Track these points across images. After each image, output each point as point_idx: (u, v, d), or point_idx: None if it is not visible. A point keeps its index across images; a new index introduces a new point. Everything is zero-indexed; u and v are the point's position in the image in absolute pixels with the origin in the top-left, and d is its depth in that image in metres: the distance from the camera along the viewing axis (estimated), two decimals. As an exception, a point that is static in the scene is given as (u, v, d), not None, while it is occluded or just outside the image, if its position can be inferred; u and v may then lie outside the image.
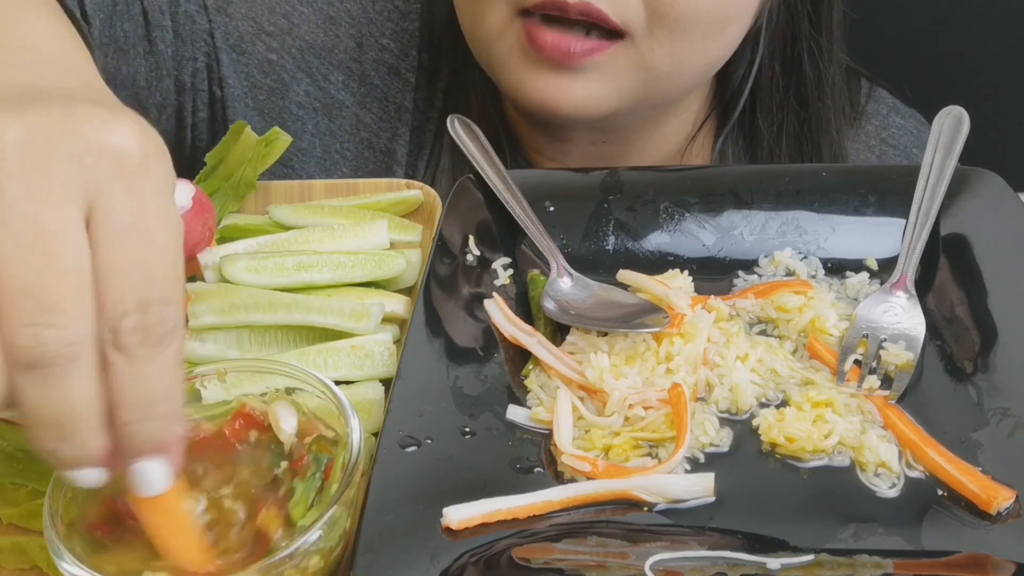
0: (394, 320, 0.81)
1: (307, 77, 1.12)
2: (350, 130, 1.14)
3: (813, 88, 1.09)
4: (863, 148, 1.18)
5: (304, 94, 1.12)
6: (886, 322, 0.76)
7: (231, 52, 1.09)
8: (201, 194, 0.82)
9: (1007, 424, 0.67)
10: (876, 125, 1.20)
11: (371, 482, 0.64)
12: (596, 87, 0.94)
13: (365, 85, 1.13)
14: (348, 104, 1.13)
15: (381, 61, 1.13)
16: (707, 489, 0.64)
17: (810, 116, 1.10)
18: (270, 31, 1.10)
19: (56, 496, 0.61)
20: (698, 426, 0.69)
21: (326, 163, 1.14)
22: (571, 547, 0.61)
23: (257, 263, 0.80)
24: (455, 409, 0.71)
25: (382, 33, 1.13)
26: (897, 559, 0.60)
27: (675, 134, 1.12)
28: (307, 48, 1.11)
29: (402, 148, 1.14)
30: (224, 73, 1.10)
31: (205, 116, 1.12)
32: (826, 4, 1.07)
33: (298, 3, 1.11)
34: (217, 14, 1.09)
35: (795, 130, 1.10)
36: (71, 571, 0.57)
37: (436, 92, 1.14)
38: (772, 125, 1.10)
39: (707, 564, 0.59)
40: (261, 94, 1.11)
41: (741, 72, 1.08)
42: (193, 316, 0.78)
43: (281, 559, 0.57)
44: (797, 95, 1.09)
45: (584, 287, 0.81)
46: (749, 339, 0.76)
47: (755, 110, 1.10)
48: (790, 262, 0.84)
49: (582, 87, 0.93)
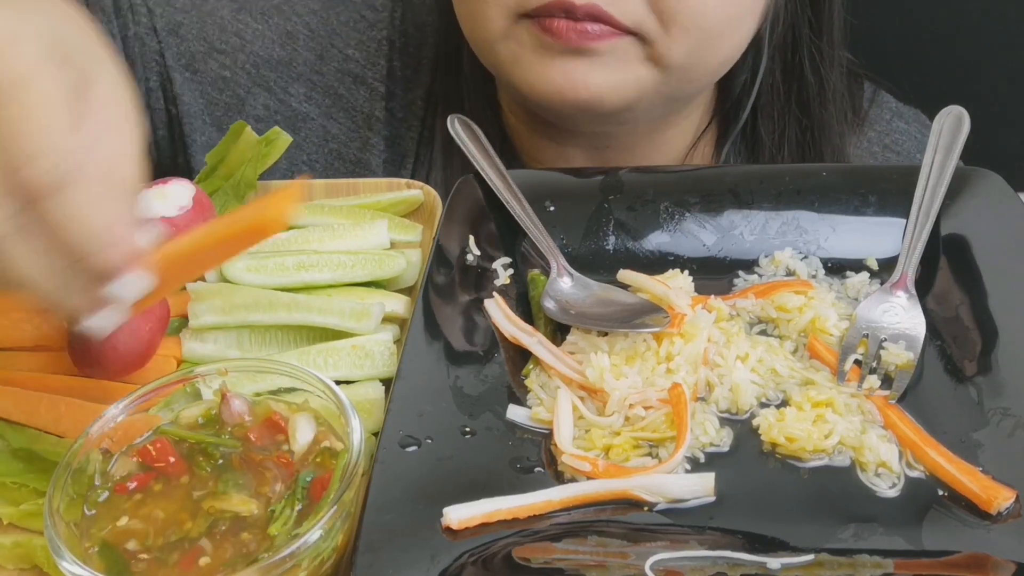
0: (394, 320, 0.81)
1: (264, 91, 1.13)
2: (317, 141, 1.15)
3: (815, 95, 1.08)
4: (866, 155, 1.17)
5: (263, 108, 1.13)
6: (886, 322, 0.76)
7: (183, 71, 1.11)
8: (201, 194, 0.82)
9: (1007, 424, 0.67)
10: (879, 131, 1.19)
11: (371, 482, 0.64)
12: (614, 74, 0.91)
13: (329, 96, 1.14)
14: (313, 116, 1.14)
15: (346, 71, 1.14)
16: (707, 489, 0.64)
17: (812, 123, 1.09)
18: (222, 49, 1.11)
19: (56, 496, 0.61)
20: (698, 426, 0.69)
21: (293, 174, 1.14)
22: (571, 547, 0.61)
23: (257, 263, 0.80)
24: (455, 409, 0.71)
25: (346, 44, 1.13)
26: (897, 559, 0.60)
27: (676, 142, 1.12)
28: (262, 63, 1.12)
29: (375, 158, 1.14)
30: (178, 91, 1.11)
31: (165, 134, 1.14)
32: (827, 9, 1.06)
33: (252, 21, 1.12)
34: (168, 36, 1.10)
35: (797, 137, 1.09)
36: (71, 570, 0.57)
37: (415, 100, 1.14)
38: (774, 133, 1.09)
39: (707, 564, 0.59)
40: (218, 110, 1.13)
41: (742, 79, 1.07)
42: (193, 316, 0.78)
43: (281, 559, 0.57)
44: (799, 102, 1.08)
45: (584, 287, 0.81)
46: (749, 339, 0.76)
47: (756, 118, 1.09)
48: (790, 262, 0.84)
49: (599, 73, 0.91)
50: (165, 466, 0.64)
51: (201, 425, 0.67)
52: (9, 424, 0.72)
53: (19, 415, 0.73)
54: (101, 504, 0.63)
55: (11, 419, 0.73)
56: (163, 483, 0.64)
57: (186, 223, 0.80)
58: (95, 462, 0.65)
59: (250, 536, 0.60)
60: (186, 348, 0.78)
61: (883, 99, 1.21)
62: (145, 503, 0.62)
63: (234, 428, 0.66)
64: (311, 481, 0.62)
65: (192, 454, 0.65)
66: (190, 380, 0.69)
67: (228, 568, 0.58)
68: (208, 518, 0.61)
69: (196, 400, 0.69)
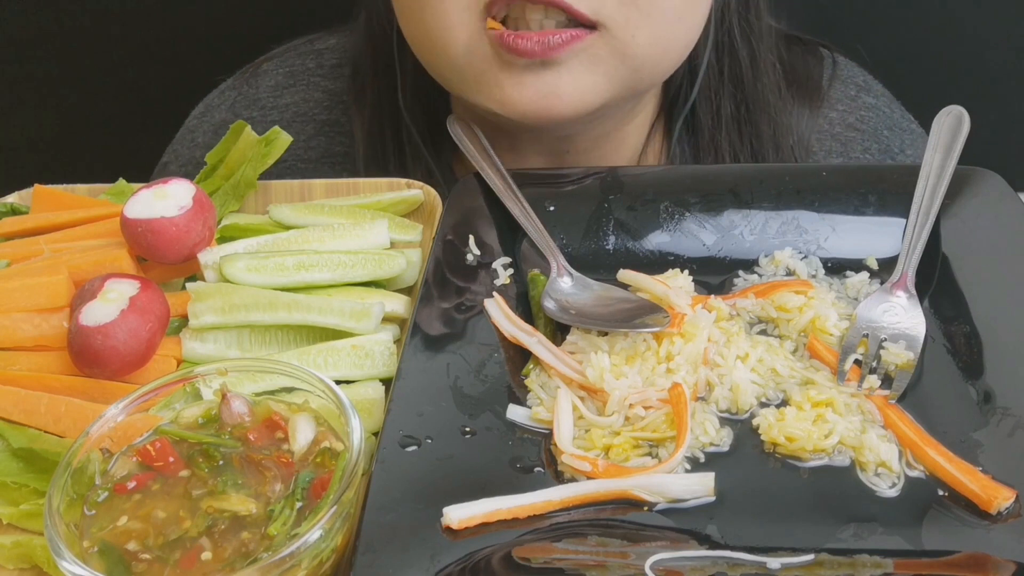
0: (394, 320, 0.81)
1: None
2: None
3: (747, 67, 1.05)
4: (827, 137, 1.14)
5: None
6: (886, 322, 0.76)
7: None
8: (201, 194, 0.82)
9: (1007, 424, 0.67)
10: (843, 110, 1.15)
11: (371, 481, 0.64)
12: (584, 78, 0.89)
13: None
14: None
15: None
16: (707, 489, 0.64)
17: (746, 96, 1.06)
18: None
19: (56, 496, 0.61)
20: (698, 426, 0.69)
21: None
22: (571, 547, 0.61)
23: (257, 263, 0.80)
24: (455, 409, 0.71)
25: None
26: (897, 559, 0.60)
27: (632, 138, 1.09)
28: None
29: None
30: None
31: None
32: None
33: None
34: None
35: (732, 113, 1.07)
36: (71, 570, 0.57)
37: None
38: (710, 112, 1.06)
39: (707, 564, 0.59)
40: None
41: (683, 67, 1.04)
42: (193, 316, 0.78)
43: (281, 559, 0.57)
44: (732, 77, 1.06)
45: (584, 287, 0.81)
46: (749, 339, 0.76)
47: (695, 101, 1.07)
48: (790, 262, 0.84)
49: (569, 81, 0.88)
50: (165, 466, 0.64)
51: (201, 425, 0.67)
52: (9, 424, 0.72)
53: (19, 415, 0.73)
54: (101, 504, 0.63)
55: (11, 419, 0.73)
56: (163, 483, 0.64)
57: (186, 223, 0.80)
58: (95, 462, 0.65)
59: (250, 536, 0.60)
60: (186, 348, 0.78)
61: (847, 73, 1.17)
62: (145, 503, 0.62)
63: (234, 428, 0.66)
64: (311, 481, 0.62)
65: (192, 454, 0.65)
66: (190, 380, 0.69)
67: (228, 568, 0.58)
68: (208, 518, 0.61)
69: (196, 400, 0.69)
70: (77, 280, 0.80)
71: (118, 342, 0.72)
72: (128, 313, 0.74)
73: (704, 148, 1.08)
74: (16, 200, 0.96)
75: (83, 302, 0.75)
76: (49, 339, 0.77)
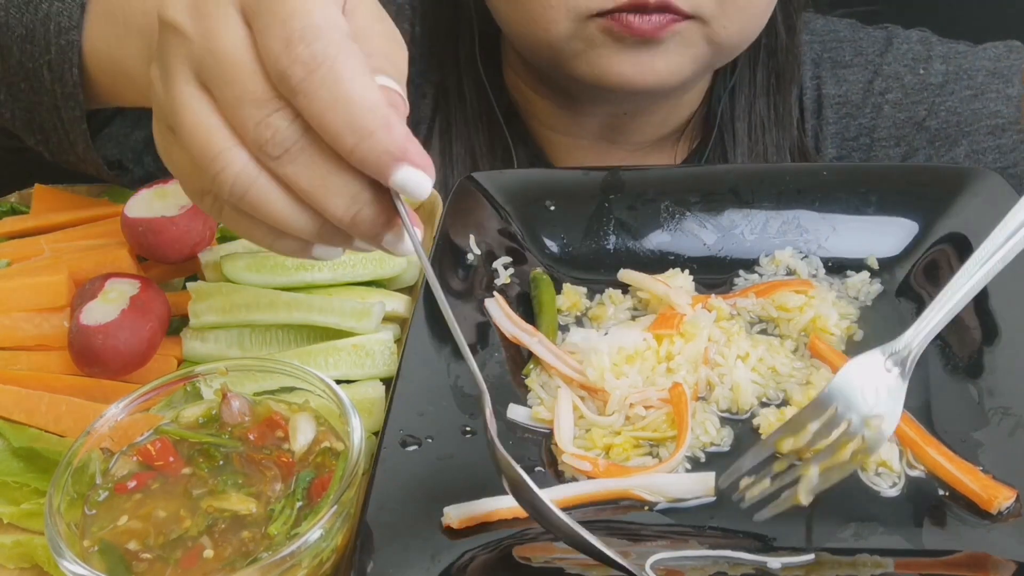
0: (395, 319, 0.81)
1: None
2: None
3: (783, 40, 1.12)
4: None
5: None
6: (863, 401, 0.63)
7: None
8: (202, 193, 0.82)
9: (1008, 423, 0.67)
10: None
11: (372, 481, 0.64)
12: (675, 58, 0.97)
13: None
14: None
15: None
16: (707, 488, 0.64)
17: (778, 66, 1.13)
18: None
19: (57, 495, 0.61)
20: (699, 425, 0.69)
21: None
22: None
23: (258, 262, 0.80)
24: (456, 408, 0.71)
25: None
26: (898, 558, 0.60)
27: (687, 106, 1.15)
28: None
29: None
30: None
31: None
32: None
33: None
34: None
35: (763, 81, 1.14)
36: (72, 570, 0.57)
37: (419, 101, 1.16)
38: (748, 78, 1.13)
39: (707, 564, 0.59)
40: None
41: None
42: (194, 315, 0.78)
43: (281, 558, 0.57)
44: (768, 48, 1.12)
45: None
46: (750, 338, 0.76)
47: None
48: (791, 261, 0.84)
49: (663, 60, 0.97)
50: (165, 465, 0.64)
51: (201, 425, 0.67)
52: (10, 423, 0.72)
53: (20, 414, 0.73)
54: (101, 503, 0.63)
55: (12, 418, 0.73)
56: (163, 482, 0.64)
57: (186, 222, 0.80)
58: (96, 461, 0.64)
59: (250, 535, 0.60)
60: (187, 347, 0.78)
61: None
62: (145, 502, 0.62)
63: (234, 428, 0.66)
64: (311, 481, 0.62)
65: (192, 454, 0.65)
66: (190, 380, 0.69)
67: (228, 567, 0.58)
68: (208, 517, 0.61)
69: (196, 400, 0.69)
70: (77, 280, 0.80)
71: (119, 342, 0.72)
72: (128, 313, 0.74)
73: (740, 105, 1.14)
74: (16, 200, 0.96)
75: (83, 302, 0.75)
76: (50, 339, 0.78)
